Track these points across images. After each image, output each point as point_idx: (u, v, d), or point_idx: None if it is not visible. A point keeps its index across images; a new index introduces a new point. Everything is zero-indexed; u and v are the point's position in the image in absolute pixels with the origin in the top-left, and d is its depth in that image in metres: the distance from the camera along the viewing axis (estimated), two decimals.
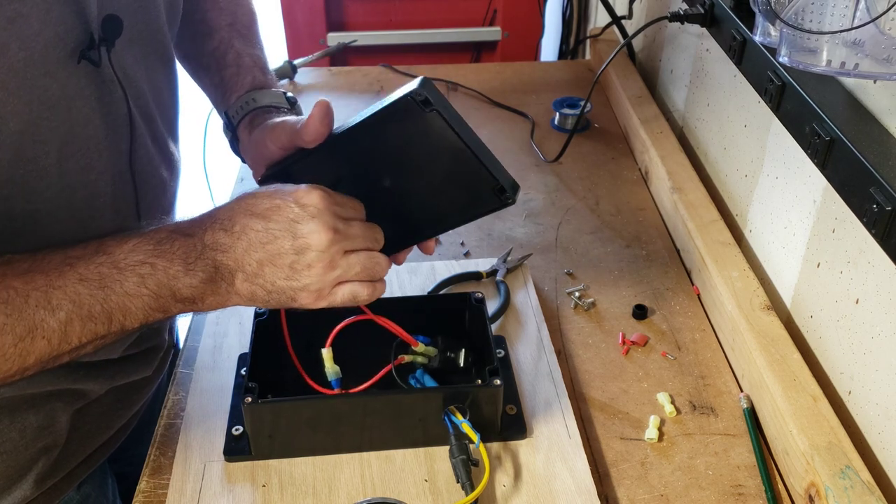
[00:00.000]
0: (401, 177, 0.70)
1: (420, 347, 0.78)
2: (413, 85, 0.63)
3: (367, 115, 0.67)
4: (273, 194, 0.66)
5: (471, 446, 0.74)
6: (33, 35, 0.61)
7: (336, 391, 0.74)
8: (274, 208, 0.65)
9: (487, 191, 0.67)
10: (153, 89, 0.79)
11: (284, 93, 0.87)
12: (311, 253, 0.64)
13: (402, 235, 0.72)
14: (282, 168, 0.75)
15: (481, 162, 0.65)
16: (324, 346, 0.74)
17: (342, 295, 0.67)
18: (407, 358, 0.79)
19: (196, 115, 0.93)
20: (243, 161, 0.88)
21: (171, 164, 0.85)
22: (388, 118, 0.66)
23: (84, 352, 0.64)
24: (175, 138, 0.87)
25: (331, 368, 0.74)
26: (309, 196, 0.65)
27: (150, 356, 0.89)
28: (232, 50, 0.89)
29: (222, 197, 1.40)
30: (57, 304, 0.61)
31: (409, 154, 0.68)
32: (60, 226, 0.70)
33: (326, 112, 0.69)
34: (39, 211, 0.68)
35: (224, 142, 0.90)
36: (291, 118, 0.79)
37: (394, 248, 0.72)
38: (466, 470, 0.71)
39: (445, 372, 0.81)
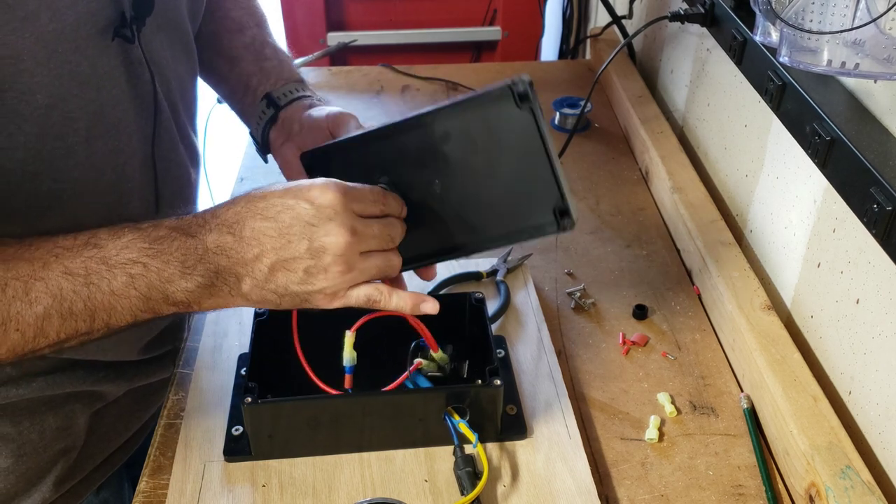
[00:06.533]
0: (455, 179, 0.66)
1: (438, 354, 0.78)
2: (513, 79, 0.61)
3: (449, 102, 0.64)
4: (284, 193, 0.62)
5: (473, 453, 0.74)
6: (65, 7, 0.61)
7: (348, 377, 0.73)
8: (286, 209, 0.61)
9: (547, 210, 0.63)
10: (177, 78, 0.79)
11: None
12: (327, 256, 0.61)
13: (434, 248, 0.69)
14: (326, 148, 0.71)
15: (555, 175, 0.62)
16: (349, 329, 0.71)
17: (356, 296, 0.64)
18: (423, 363, 0.78)
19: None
20: (262, 149, 0.87)
21: (193, 155, 0.85)
22: (473, 106, 0.63)
23: (68, 345, 0.62)
24: (195, 131, 0.88)
25: (349, 353, 0.72)
26: (325, 195, 0.61)
27: (167, 359, 0.89)
28: (268, 46, 0.91)
29: (222, 197, 1.39)
30: (35, 298, 0.58)
31: (476, 152, 0.65)
32: (87, 209, 0.68)
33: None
34: (66, 191, 0.66)
35: (223, 142, 0.90)
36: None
37: (422, 261, 0.70)
38: (472, 483, 0.71)
39: (446, 379, 0.81)
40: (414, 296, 0.67)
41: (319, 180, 0.62)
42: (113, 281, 0.60)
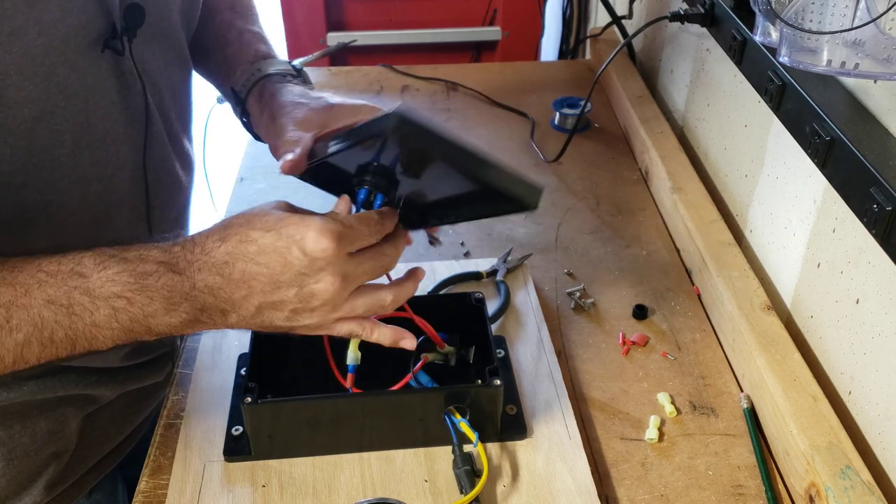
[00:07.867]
0: (426, 176, 0.68)
1: (445, 348, 0.78)
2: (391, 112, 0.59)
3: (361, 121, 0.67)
4: (277, 238, 0.60)
5: (472, 452, 0.74)
6: (53, 21, 0.60)
7: (350, 376, 0.73)
8: (278, 256, 0.60)
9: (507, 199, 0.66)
10: (170, 87, 0.78)
11: (290, 62, 0.85)
12: (315, 301, 0.61)
13: (427, 214, 0.73)
14: (316, 165, 0.71)
15: (493, 184, 0.64)
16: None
17: (339, 330, 0.65)
18: (430, 357, 0.78)
19: (195, 114, 0.93)
20: (257, 139, 0.84)
21: (186, 163, 0.85)
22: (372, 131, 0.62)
23: (50, 363, 0.62)
24: (189, 138, 0.87)
25: (354, 353, 0.72)
26: (318, 244, 0.59)
27: (161, 362, 0.89)
28: (234, 28, 0.88)
29: (222, 197, 1.39)
30: (16, 325, 0.58)
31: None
32: (74, 220, 0.68)
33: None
34: (52, 203, 0.66)
35: (223, 142, 0.90)
36: (314, 100, 0.77)
37: (416, 226, 0.72)
38: (471, 481, 0.71)
39: (453, 370, 0.81)
40: (395, 331, 0.68)
41: (314, 225, 0.60)
42: (96, 313, 0.59)
